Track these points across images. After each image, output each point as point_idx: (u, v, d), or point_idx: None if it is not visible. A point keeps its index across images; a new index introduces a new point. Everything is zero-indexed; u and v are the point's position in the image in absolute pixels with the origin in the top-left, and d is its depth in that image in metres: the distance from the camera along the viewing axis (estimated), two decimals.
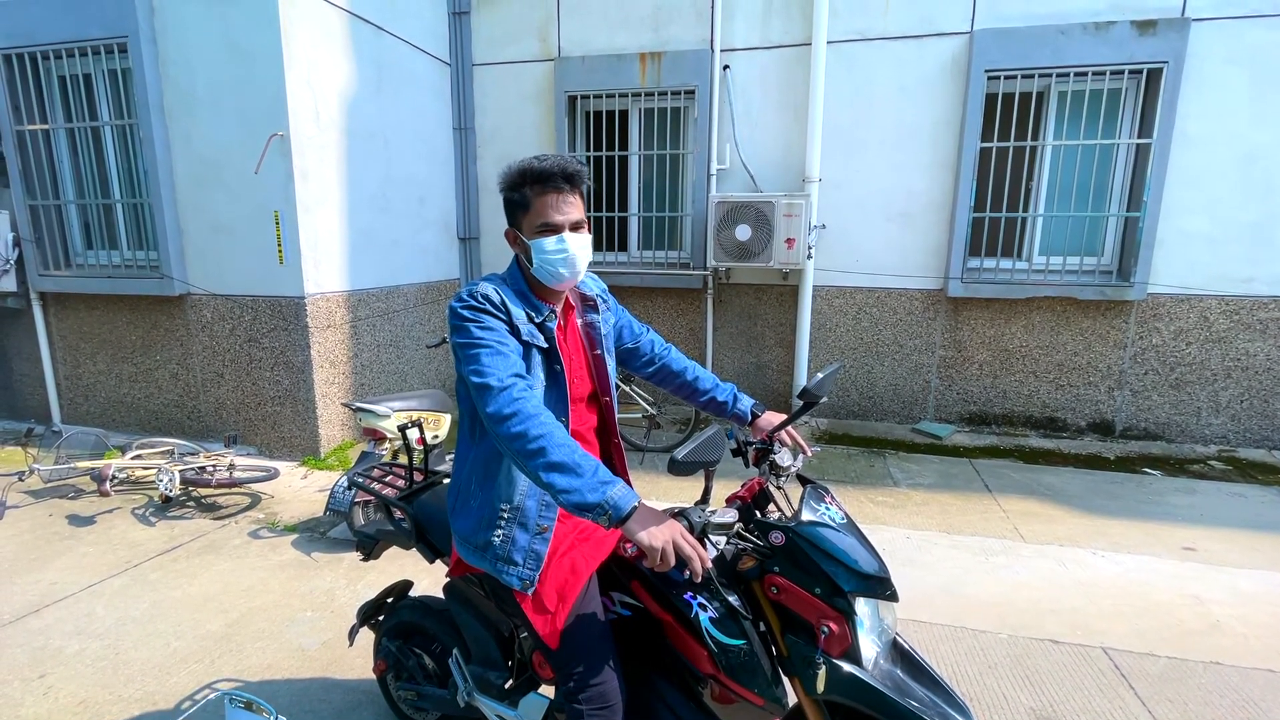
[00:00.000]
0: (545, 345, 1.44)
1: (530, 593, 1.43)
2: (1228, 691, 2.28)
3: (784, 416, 1.70)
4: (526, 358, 1.41)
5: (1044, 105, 4.73)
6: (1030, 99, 4.66)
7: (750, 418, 1.76)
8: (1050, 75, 4.58)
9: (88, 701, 2.20)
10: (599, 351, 1.60)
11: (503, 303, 1.41)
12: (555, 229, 1.41)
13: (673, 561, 1.17)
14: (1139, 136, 4.56)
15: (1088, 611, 2.73)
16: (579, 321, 1.59)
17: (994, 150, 4.71)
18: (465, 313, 1.37)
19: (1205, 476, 4.26)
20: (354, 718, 2.14)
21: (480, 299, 1.39)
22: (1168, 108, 4.38)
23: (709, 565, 1.19)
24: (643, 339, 1.81)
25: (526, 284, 1.49)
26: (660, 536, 1.16)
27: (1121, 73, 4.46)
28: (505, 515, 1.45)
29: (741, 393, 1.81)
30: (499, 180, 1.46)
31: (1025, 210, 4.86)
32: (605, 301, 1.67)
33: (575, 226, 1.43)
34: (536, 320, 1.45)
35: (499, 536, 1.44)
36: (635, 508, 1.18)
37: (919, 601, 2.78)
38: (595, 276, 1.71)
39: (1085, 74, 4.50)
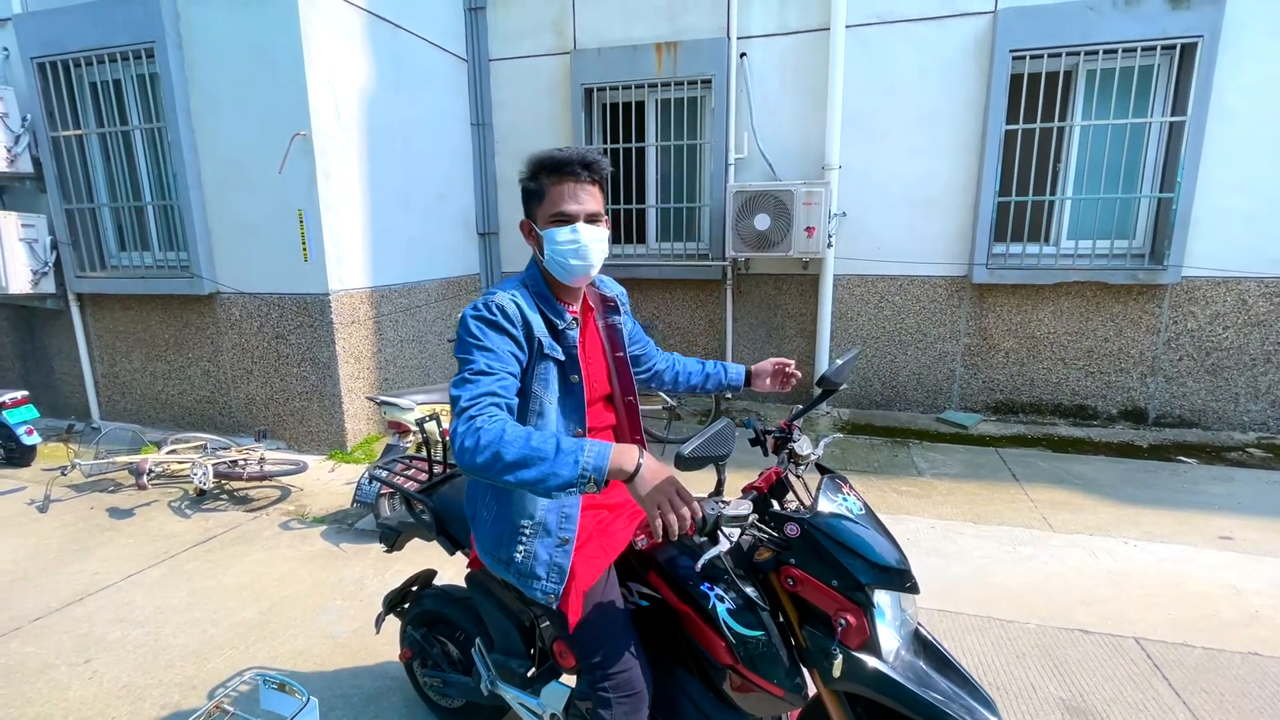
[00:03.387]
0: (563, 358, 1.42)
1: (554, 607, 1.43)
2: (1266, 682, 2.22)
3: (776, 361, 1.73)
4: (542, 370, 1.39)
5: (1072, 84, 4.60)
6: (1057, 78, 4.53)
7: (745, 378, 1.77)
8: (1078, 53, 4.45)
9: (130, 685, 2.29)
10: (621, 354, 1.57)
11: (520, 314, 1.36)
12: (569, 219, 1.36)
13: (674, 529, 1.14)
14: (1172, 114, 4.41)
15: (1119, 601, 2.67)
16: (600, 324, 1.57)
17: (1019, 132, 4.60)
18: (474, 326, 1.33)
19: (1244, 464, 4.13)
20: (383, 703, 2.19)
21: (495, 310, 1.33)
22: (1203, 84, 4.23)
23: (698, 515, 1.16)
24: (649, 347, 1.81)
25: (547, 285, 1.44)
26: (653, 500, 1.14)
27: (1154, 49, 4.32)
28: (526, 531, 1.43)
29: (727, 364, 1.83)
30: (519, 172, 1.43)
31: (1053, 193, 4.74)
32: (624, 305, 1.66)
33: (591, 218, 1.38)
34: (558, 329, 1.41)
35: (521, 552, 1.43)
36: (639, 466, 1.15)
37: (945, 591, 2.75)
38: (614, 280, 1.69)
39: (1115, 51, 4.36)
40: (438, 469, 2.11)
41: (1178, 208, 4.38)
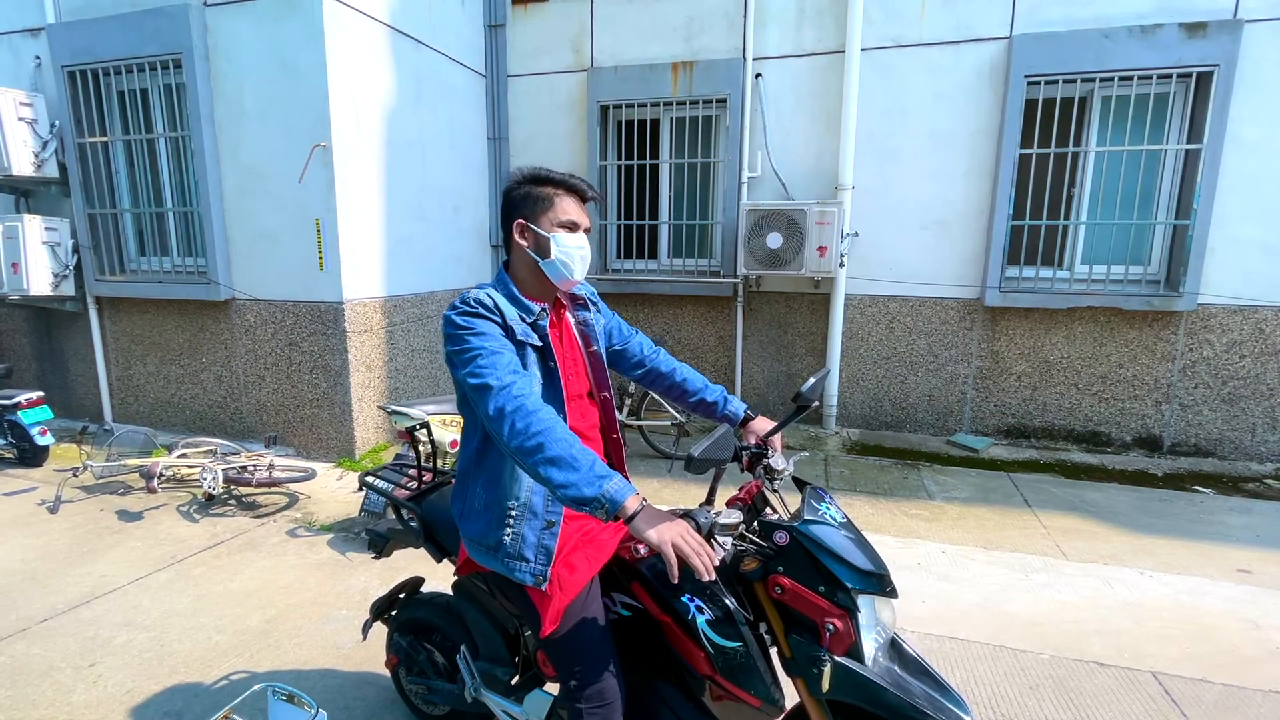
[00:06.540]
0: (539, 343, 1.48)
1: (542, 588, 1.45)
2: None
3: (773, 423, 1.70)
4: (522, 357, 1.45)
5: (1087, 110, 4.61)
6: (1072, 104, 4.55)
7: (741, 419, 1.76)
8: (1094, 80, 4.47)
9: (134, 691, 2.28)
10: (595, 349, 1.63)
11: (496, 306, 1.45)
12: (578, 226, 1.50)
13: (682, 558, 1.17)
14: (1188, 142, 4.41)
15: (1135, 634, 2.62)
16: (572, 320, 1.64)
17: (1034, 157, 4.60)
18: (459, 320, 1.40)
19: (1262, 496, 4.07)
20: (387, 715, 2.17)
21: (474, 304, 1.43)
22: (1219, 112, 4.23)
23: (714, 563, 1.19)
24: (631, 341, 1.83)
25: (516, 288, 1.54)
26: (669, 533, 1.18)
27: (1169, 76, 4.33)
28: (514, 513, 1.47)
29: (732, 395, 1.82)
30: (512, 178, 1.53)
31: (1067, 218, 4.73)
32: (595, 303, 1.72)
33: (588, 231, 1.54)
34: (529, 320, 1.49)
35: (509, 535, 1.46)
36: (639, 508, 1.20)
37: (955, 618, 2.71)
38: (584, 282, 1.75)
39: (1130, 78, 4.37)
40: (427, 477, 2.12)
41: (1193, 234, 4.36)
